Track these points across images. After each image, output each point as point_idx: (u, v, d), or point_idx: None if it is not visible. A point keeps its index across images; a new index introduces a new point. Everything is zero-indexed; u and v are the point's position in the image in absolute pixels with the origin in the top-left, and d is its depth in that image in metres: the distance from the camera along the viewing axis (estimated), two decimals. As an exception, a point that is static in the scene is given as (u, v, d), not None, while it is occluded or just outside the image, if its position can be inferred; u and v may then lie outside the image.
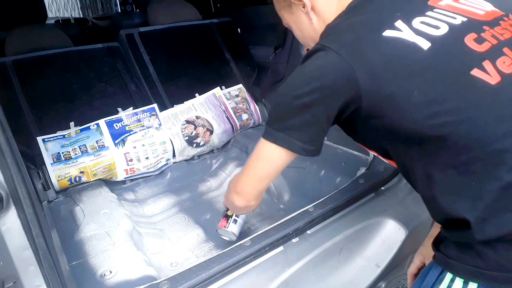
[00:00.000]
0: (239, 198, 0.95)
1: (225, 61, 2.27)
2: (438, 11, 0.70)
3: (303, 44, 0.96)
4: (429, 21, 0.68)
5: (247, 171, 0.89)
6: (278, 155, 0.79)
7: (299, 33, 0.91)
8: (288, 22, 0.92)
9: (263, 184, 0.90)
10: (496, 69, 0.63)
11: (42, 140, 1.61)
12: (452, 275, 0.68)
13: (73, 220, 1.38)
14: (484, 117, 0.62)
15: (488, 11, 0.73)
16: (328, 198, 1.21)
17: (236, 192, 0.95)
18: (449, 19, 0.69)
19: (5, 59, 1.78)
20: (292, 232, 1.07)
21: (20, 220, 0.73)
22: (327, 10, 0.81)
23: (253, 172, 0.88)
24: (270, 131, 0.78)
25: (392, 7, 0.72)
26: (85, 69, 1.91)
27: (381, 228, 1.21)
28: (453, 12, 0.70)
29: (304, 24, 0.86)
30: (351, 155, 1.57)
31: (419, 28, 0.66)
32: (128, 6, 4.75)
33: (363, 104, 0.67)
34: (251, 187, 0.92)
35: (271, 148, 0.78)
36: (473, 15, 0.71)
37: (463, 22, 0.69)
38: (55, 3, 9.92)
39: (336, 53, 0.66)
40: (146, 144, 1.74)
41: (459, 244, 0.68)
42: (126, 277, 1.07)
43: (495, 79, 0.63)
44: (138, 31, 2.14)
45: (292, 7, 0.86)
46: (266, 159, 0.83)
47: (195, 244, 1.40)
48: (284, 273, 1.02)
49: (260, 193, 0.95)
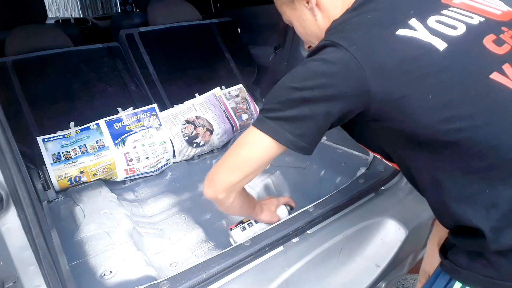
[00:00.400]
0: (208, 187, 0.82)
1: (225, 61, 2.27)
2: (454, 10, 0.67)
3: (304, 42, 0.91)
4: (446, 20, 0.65)
5: (224, 156, 0.79)
6: (263, 144, 0.71)
7: (301, 30, 0.86)
8: (289, 18, 0.86)
9: (237, 176, 0.78)
10: None
11: (42, 140, 1.61)
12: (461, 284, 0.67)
13: (73, 220, 1.38)
14: (504, 124, 0.59)
15: (505, 11, 0.70)
16: (328, 198, 1.20)
17: (207, 180, 0.82)
18: (466, 18, 0.66)
19: (5, 59, 1.78)
20: (292, 232, 1.07)
21: (20, 220, 0.73)
22: (333, 6, 0.76)
23: (229, 158, 0.78)
24: (260, 118, 0.72)
25: (404, 3, 0.68)
26: (85, 69, 1.91)
27: (381, 228, 1.21)
28: (470, 11, 0.68)
29: (308, 20, 0.81)
30: (351, 155, 1.57)
31: (435, 28, 0.63)
32: (128, 6, 4.75)
33: (372, 107, 0.63)
34: (223, 175, 0.79)
35: (256, 135, 0.71)
36: (490, 15, 0.68)
37: (480, 22, 0.66)
38: (55, 3, 9.92)
39: (346, 50, 0.62)
40: (146, 144, 1.74)
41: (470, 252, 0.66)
42: (126, 277, 1.07)
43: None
44: (138, 31, 2.14)
45: (294, 2, 0.81)
46: (248, 146, 0.75)
47: (195, 244, 1.40)
48: (284, 273, 1.02)
49: (232, 186, 0.80)
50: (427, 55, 0.61)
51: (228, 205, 0.85)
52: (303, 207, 1.17)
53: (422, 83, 0.60)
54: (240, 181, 0.79)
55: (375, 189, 1.31)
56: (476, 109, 0.59)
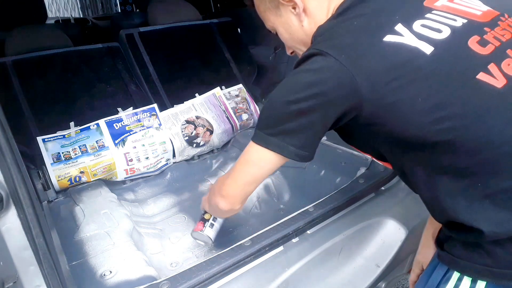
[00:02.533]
0: (225, 202, 0.90)
1: (225, 61, 2.27)
2: (437, 13, 0.69)
3: (287, 48, 0.91)
4: (430, 24, 0.66)
5: (235, 174, 0.85)
6: (269, 160, 0.75)
7: (287, 36, 0.84)
8: (273, 25, 0.85)
9: (250, 188, 0.86)
10: (501, 72, 0.62)
11: (42, 140, 1.61)
12: (460, 274, 0.68)
13: (73, 220, 1.38)
14: (492, 121, 0.61)
15: (484, 11, 0.72)
16: (328, 198, 1.20)
17: (221, 196, 0.90)
18: (449, 21, 0.67)
19: (5, 59, 1.78)
20: (292, 232, 1.07)
21: (20, 220, 0.73)
22: (319, 12, 0.77)
23: (241, 177, 0.84)
24: (261, 135, 0.74)
25: (389, 8, 0.69)
26: (85, 69, 1.91)
27: (381, 228, 1.21)
28: (452, 13, 0.69)
29: (294, 26, 0.81)
30: (351, 155, 1.57)
31: (421, 32, 0.65)
32: (128, 6, 4.75)
33: (364, 112, 0.65)
34: (238, 190, 0.87)
35: (262, 152, 0.75)
36: (472, 16, 0.69)
37: (464, 24, 0.67)
38: (55, 3, 9.92)
39: (335, 59, 0.63)
40: (146, 144, 1.74)
41: (466, 243, 0.68)
42: (126, 277, 1.07)
43: (501, 82, 0.62)
44: (138, 31, 2.14)
45: (280, 8, 0.80)
46: (256, 164, 0.79)
47: (195, 244, 1.39)
48: (284, 273, 1.02)
49: (246, 196, 0.90)
50: (415, 60, 0.62)
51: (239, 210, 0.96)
52: (303, 207, 1.17)
53: (412, 87, 0.62)
54: (251, 192, 0.88)
55: (375, 189, 1.30)
56: (465, 109, 0.61)
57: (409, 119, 0.63)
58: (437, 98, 0.62)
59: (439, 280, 0.72)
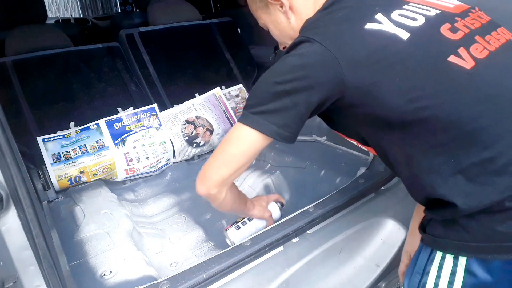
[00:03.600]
0: (200, 184, 0.85)
1: (225, 61, 2.27)
2: (413, 5, 0.75)
3: (279, 43, 0.97)
4: (407, 13, 0.72)
5: (214, 154, 0.83)
6: (249, 138, 0.76)
7: (277, 33, 0.91)
8: (265, 23, 0.92)
9: (227, 170, 0.81)
10: (470, 55, 0.68)
11: (42, 140, 1.61)
12: (442, 252, 0.71)
13: (73, 220, 1.38)
14: (462, 99, 0.66)
15: (457, 4, 0.79)
16: (328, 198, 1.20)
17: (198, 177, 0.85)
18: (424, 11, 0.74)
19: (5, 59, 1.78)
20: (292, 232, 1.07)
21: (20, 220, 0.73)
22: (305, 8, 0.82)
23: (219, 155, 0.81)
24: (245, 114, 0.76)
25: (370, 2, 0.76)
26: (85, 69, 1.91)
27: (381, 228, 1.21)
28: (427, 5, 0.76)
29: (282, 23, 0.87)
30: (351, 155, 1.58)
31: (398, 20, 0.71)
32: (128, 6, 4.75)
33: (346, 94, 0.69)
34: (214, 170, 0.82)
35: (243, 130, 0.76)
36: (444, 8, 0.76)
37: (437, 14, 0.74)
38: (55, 3, 9.91)
39: (320, 44, 0.68)
40: (146, 144, 1.74)
41: (444, 222, 0.71)
42: (126, 277, 1.07)
43: (469, 64, 0.67)
44: (138, 31, 2.14)
45: (269, 7, 0.86)
46: (235, 141, 0.79)
47: (195, 244, 1.40)
48: (284, 273, 1.02)
49: (223, 181, 0.83)
50: (393, 45, 0.68)
51: (220, 200, 0.89)
52: (303, 207, 1.17)
53: (390, 69, 0.67)
54: (231, 175, 0.83)
55: (375, 189, 1.31)
56: (437, 89, 0.66)
57: (388, 99, 0.68)
58: (412, 80, 0.67)
59: (425, 262, 0.75)
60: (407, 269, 0.84)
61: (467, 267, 0.68)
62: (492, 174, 0.64)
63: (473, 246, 0.67)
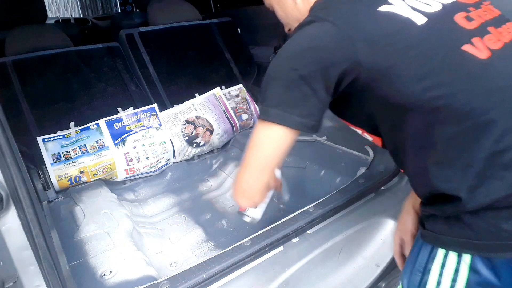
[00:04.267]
0: (242, 198, 0.82)
1: (225, 61, 2.27)
2: None
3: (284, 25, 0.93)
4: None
5: (245, 163, 0.78)
6: (276, 135, 0.71)
7: (282, 14, 0.89)
8: (270, 3, 0.89)
9: (264, 175, 0.77)
10: (484, 45, 0.67)
11: (42, 140, 1.61)
12: (445, 250, 0.69)
13: (73, 220, 1.38)
14: (475, 90, 0.64)
15: None
16: (328, 198, 1.20)
17: (238, 191, 0.82)
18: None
19: (5, 59, 1.79)
20: (292, 232, 1.07)
21: (20, 220, 0.73)
22: None
23: (251, 163, 0.77)
24: (263, 109, 0.71)
25: None
26: (85, 69, 1.91)
27: (381, 228, 1.21)
28: None
29: (288, 4, 0.84)
30: (351, 155, 1.57)
31: (413, 5, 0.69)
32: (128, 6, 4.75)
33: (362, 75, 0.67)
34: (252, 181, 0.78)
35: (266, 128, 0.71)
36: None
37: (452, 2, 0.73)
38: (55, 3, 9.91)
39: (332, 24, 0.66)
40: (146, 144, 1.74)
41: (447, 218, 0.69)
42: (126, 277, 1.07)
43: (484, 54, 0.66)
44: (138, 31, 2.14)
45: None
46: (263, 143, 0.74)
47: (195, 244, 1.40)
48: (284, 273, 1.02)
49: (264, 186, 0.80)
50: (407, 29, 0.66)
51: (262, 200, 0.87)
52: (303, 207, 1.17)
53: (405, 54, 0.65)
54: (268, 179, 0.79)
55: (375, 189, 1.30)
56: (452, 77, 0.65)
57: (403, 85, 0.65)
58: (428, 66, 0.65)
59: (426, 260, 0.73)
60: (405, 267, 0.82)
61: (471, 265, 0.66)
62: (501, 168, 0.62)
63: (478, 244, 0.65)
